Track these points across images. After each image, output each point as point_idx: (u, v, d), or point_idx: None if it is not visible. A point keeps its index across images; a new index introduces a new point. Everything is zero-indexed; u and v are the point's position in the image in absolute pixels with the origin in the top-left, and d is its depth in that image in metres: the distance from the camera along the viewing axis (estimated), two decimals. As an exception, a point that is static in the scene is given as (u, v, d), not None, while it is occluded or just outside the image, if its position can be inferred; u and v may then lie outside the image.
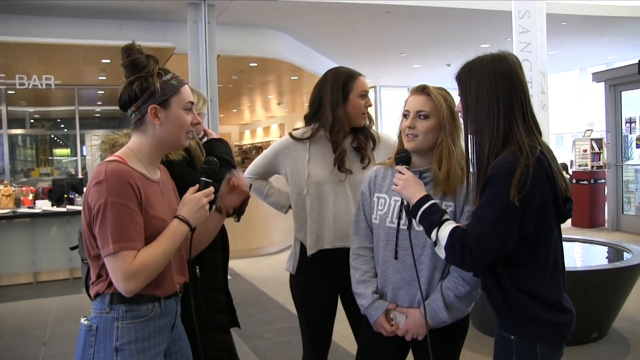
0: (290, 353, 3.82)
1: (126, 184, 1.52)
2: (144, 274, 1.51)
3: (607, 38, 11.27)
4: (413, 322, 1.91)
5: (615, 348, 3.93)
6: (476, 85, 1.67)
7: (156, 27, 8.68)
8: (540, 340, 1.65)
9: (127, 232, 1.50)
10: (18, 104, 13.21)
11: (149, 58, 1.65)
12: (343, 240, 2.32)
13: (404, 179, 1.79)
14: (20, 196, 7.03)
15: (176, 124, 1.65)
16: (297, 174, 2.37)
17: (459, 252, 1.61)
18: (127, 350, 1.55)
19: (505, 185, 1.55)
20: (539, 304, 1.63)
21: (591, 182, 9.40)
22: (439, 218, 1.69)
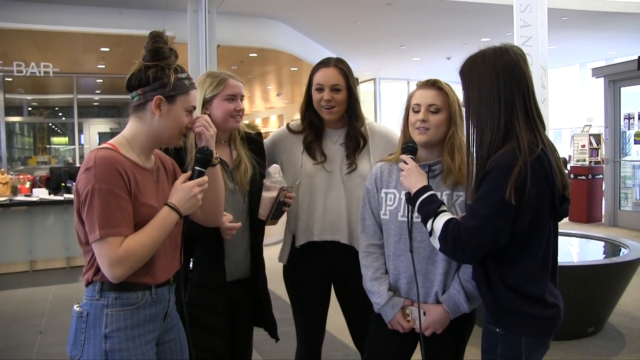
0: (287, 344, 3.81)
1: (114, 171, 1.53)
2: (129, 261, 1.52)
3: (608, 33, 11.25)
4: (435, 319, 1.91)
5: (611, 342, 3.95)
6: (478, 80, 1.67)
7: (156, 15, 8.63)
8: (525, 334, 1.66)
9: (113, 218, 1.51)
10: (16, 91, 13.17)
11: (171, 51, 1.66)
12: (332, 233, 2.31)
13: (407, 168, 1.82)
14: (17, 184, 7.00)
15: (174, 121, 1.66)
16: (291, 164, 2.36)
17: (451, 243, 1.63)
18: (116, 337, 1.56)
19: (501, 182, 1.55)
20: (523, 299, 1.65)
21: (589, 177, 9.41)
22: (435, 209, 1.70)
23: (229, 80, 2.15)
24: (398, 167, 2.00)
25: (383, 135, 2.39)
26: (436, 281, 1.92)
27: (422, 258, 1.92)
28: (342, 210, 2.31)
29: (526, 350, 1.66)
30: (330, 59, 2.33)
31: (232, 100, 2.14)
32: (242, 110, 2.17)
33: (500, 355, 1.68)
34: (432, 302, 1.93)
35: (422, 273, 1.93)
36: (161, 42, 1.64)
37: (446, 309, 1.90)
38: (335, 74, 2.26)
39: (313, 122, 2.34)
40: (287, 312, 2.50)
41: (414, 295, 1.95)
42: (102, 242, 1.50)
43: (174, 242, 1.72)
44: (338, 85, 2.25)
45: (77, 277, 6.12)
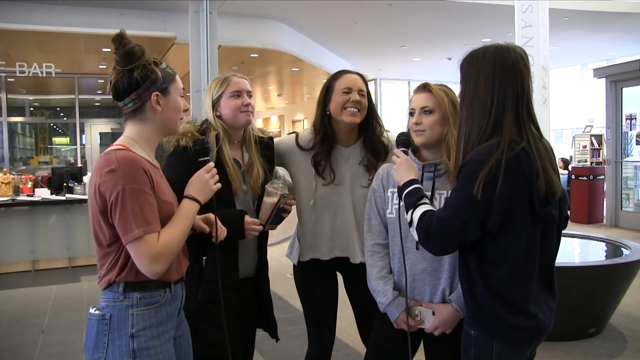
0: (289, 344, 3.83)
1: (140, 170, 1.56)
2: (167, 255, 1.56)
3: (609, 34, 11.25)
4: (444, 318, 1.92)
5: (612, 343, 3.95)
6: (475, 75, 1.68)
7: (157, 16, 8.65)
8: (497, 339, 1.64)
9: (147, 216, 1.53)
10: (18, 91, 13.18)
11: (140, 47, 1.68)
12: (343, 250, 2.34)
13: (398, 162, 1.86)
14: (19, 184, 7.02)
15: (174, 109, 1.71)
16: (304, 184, 2.35)
17: (423, 233, 1.66)
18: (143, 336, 1.59)
19: (472, 176, 1.56)
20: (501, 303, 1.63)
21: (590, 178, 9.40)
22: (415, 201, 1.74)
23: (232, 78, 2.20)
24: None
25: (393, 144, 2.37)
26: (442, 279, 1.93)
27: (428, 256, 1.92)
28: (351, 228, 2.32)
29: (498, 356, 1.64)
30: (350, 70, 2.35)
31: (237, 96, 2.17)
32: (250, 105, 2.18)
33: (473, 357, 1.68)
34: (439, 300, 1.94)
35: (428, 271, 1.95)
36: (129, 43, 1.65)
37: (456, 308, 1.90)
38: (360, 80, 2.30)
39: (327, 135, 2.29)
40: (288, 312, 2.51)
41: (419, 294, 1.97)
42: (141, 241, 1.52)
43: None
44: (363, 91, 2.27)
45: (79, 277, 6.14)
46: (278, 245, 7.92)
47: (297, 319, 2.52)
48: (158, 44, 8.79)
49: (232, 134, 2.21)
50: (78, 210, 6.61)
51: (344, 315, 2.51)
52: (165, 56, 9.63)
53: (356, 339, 3.97)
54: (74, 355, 3.86)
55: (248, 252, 2.22)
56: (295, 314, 4.15)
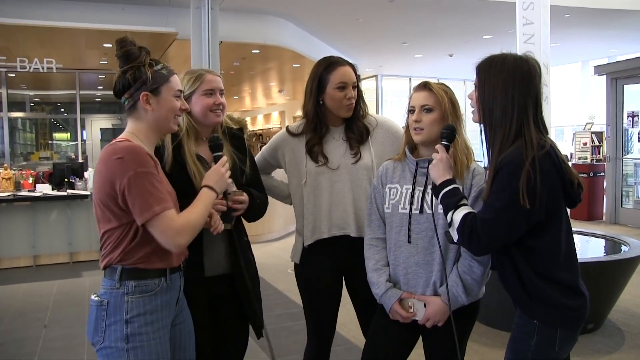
0: (290, 339, 3.86)
1: (145, 155, 1.68)
2: (189, 229, 1.69)
3: (610, 31, 11.24)
4: (435, 310, 1.98)
5: (611, 339, 3.97)
6: (494, 81, 1.76)
7: (159, 12, 8.64)
8: (560, 326, 1.73)
9: (162, 195, 1.66)
10: (18, 87, 13.18)
11: (141, 49, 1.78)
12: (341, 227, 2.35)
13: (438, 158, 1.87)
14: (20, 179, 7.03)
15: (166, 108, 1.79)
16: (296, 165, 2.40)
17: (468, 235, 1.71)
18: (137, 322, 1.68)
19: (513, 177, 1.65)
20: (555, 287, 1.72)
21: (590, 175, 9.43)
22: (455, 202, 1.78)
23: (206, 76, 2.17)
24: (403, 164, 2.09)
25: (381, 126, 2.42)
26: (434, 271, 1.99)
27: (420, 249, 2.00)
28: (348, 204, 2.34)
29: (560, 342, 1.73)
30: (339, 58, 2.37)
31: (210, 94, 2.16)
32: (221, 104, 2.18)
33: (534, 345, 1.74)
34: (431, 292, 2.00)
35: (420, 264, 2.01)
36: (128, 45, 1.77)
37: (445, 301, 1.95)
38: (351, 72, 2.33)
39: (320, 123, 2.36)
40: (288, 307, 2.53)
41: (412, 287, 2.03)
42: (161, 217, 1.63)
43: None
44: (355, 83, 2.33)
45: (80, 273, 6.16)
46: (278, 241, 7.94)
47: (298, 314, 2.53)
48: (159, 39, 8.79)
49: (201, 130, 2.20)
50: (79, 206, 6.63)
51: (345, 311, 2.52)
52: (166, 52, 9.63)
53: (357, 334, 4.00)
54: (76, 350, 3.89)
55: (217, 249, 2.19)
56: (296, 310, 4.14)
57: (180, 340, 1.87)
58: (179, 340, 1.87)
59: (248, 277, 2.27)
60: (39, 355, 3.84)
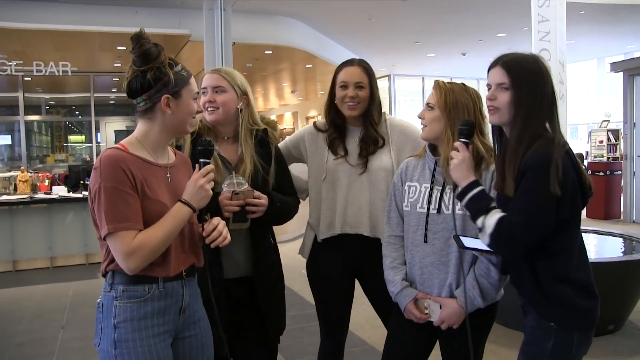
0: (305, 340, 3.85)
1: (118, 169, 1.60)
2: (142, 252, 1.58)
3: (627, 27, 11.10)
4: (450, 313, 1.95)
5: (632, 340, 3.91)
6: (528, 80, 1.72)
7: (172, 14, 8.69)
8: (578, 328, 1.71)
9: (119, 213, 1.57)
10: (34, 90, 13.31)
11: (158, 47, 1.70)
12: (354, 226, 2.35)
13: (460, 158, 1.79)
14: (36, 182, 7.11)
15: (185, 112, 1.72)
16: (317, 160, 2.42)
17: (505, 240, 1.66)
18: (123, 327, 1.63)
19: (543, 177, 1.62)
20: (572, 288, 1.70)
21: (607, 173, 9.31)
22: (487, 206, 1.72)
23: (205, 75, 2.21)
24: (423, 161, 2.08)
25: (401, 130, 2.43)
26: (450, 273, 1.97)
27: (436, 249, 1.98)
28: (364, 203, 2.34)
29: (577, 345, 1.72)
30: (354, 59, 2.42)
31: (203, 94, 2.17)
32: (212, 102, 2.14)
33: (551, 348, 1.71)
34: (446, 294, 1.97)
35: (435, 264, 1.99)
36: (146, 43, 1.68)
37: (460, 304, 1.93)
38: (358, 72, 2.35)
39: (334, 122, 2.40)
40: (303, 308, 2.52)
41: (428, 287, 2.01)
42: (114, 236, 1.57)
43: (188, 238, 1.77)
44: (361, 83, 2.34)
45: (96, 274, 6.19)
46: (293, 242, 7.93)
47: (313, 315, 2.52)
48: (172, 41, 8.83)
49: (217, 129, 2.19)
50: (95, 208, 6.66)
51: (360, 312, 2.51)
52: (179, 54, 9.68)
53: (372, 335, 3.99)
54: (93, 350, 3.85)
55: (237, 251, 2.16)
56: (311, 310, 4.10)
57: (191, 355, 1.80)
58: (188, 354, 1.79)
59: (270, 280, 2.24)
60: (57, 355, 3.86)
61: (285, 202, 2.24)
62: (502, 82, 1.74)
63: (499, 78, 1.74)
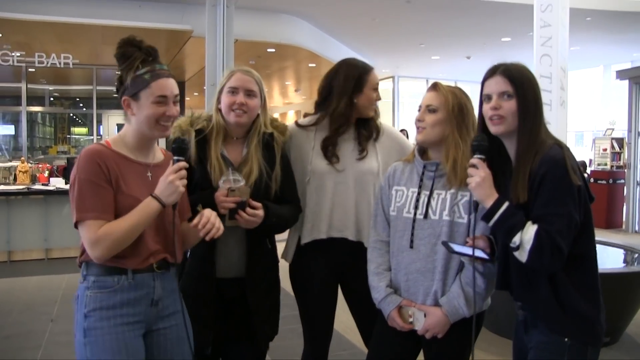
0: (295, 341, 3.80)
1: (94, 162, 1.68)
2: (106, 242, 1.64)
3: (633, 35, 11.02)
4: (434, 321, 1.91)
5: (628, 354, 3.87)
6: (531, 88, 1.72)
7: (175, 9, 8.68)
8: (590, 343, 1.67)
9: (88, 203, 1.65)
10: (38, 81, 13.33)
11: (136, 50, 1.73)
12: (340, 230, 2.30)
13: (482, 176, 1.69)
14: (36, 173, 7.10)
15: (145, 114, 1.74)
16: (300, 162, 2.35)
17: (549, 252, 1.57)
18: (93, 316, 1.69)
19: (564, 176, 1.60)
20: (588, 300, 1.66)
21: (610, 181, 9.24)
22: (522, 220, 1.62)
23: (235, 73, 2.14)
24: (412, 166, 2.02)
25: (388, 134, 2.41)
26: (435, 280, 1.92)
27: (422, 255, 1.93)
28: (349, 206, 2.30)
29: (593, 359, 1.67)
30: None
31: (232, 93, 2.11)
32: (244, 105, 2.09)
33: None
34: (431, 302, 1.92)
35: (421, 271, 1.94)
36: (125, 47, 1.74)
37: (445, 313, 1.89)
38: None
39: (348, 123, 2.34)
40: (294, 309, 2.48)
41: (413, 294, 1.96)
42: (82, 225, 1.66)
43: (161, 231, 1.80)
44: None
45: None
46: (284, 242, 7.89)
47: (300, 314, 2.49)
48: (175, 37, 8.82)
49: (230, 129, 2.16)
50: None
51: (349, 315, 2.47)
52: (183, 49, 9.68)
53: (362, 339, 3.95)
54: (81, 345, 3.88)
55: (232, 251, 2.13)
56: (303, 311, 4.14)
57: (165, 347, 1.82)
58: (163, 347, 1.82)
59: (264, 284, 2.20)
60: (44, 348, 3.84)
61: (282, 216, 2.18)
62: (505, 91, 1.71)
63: (501, 87, 1.71)
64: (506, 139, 1.76)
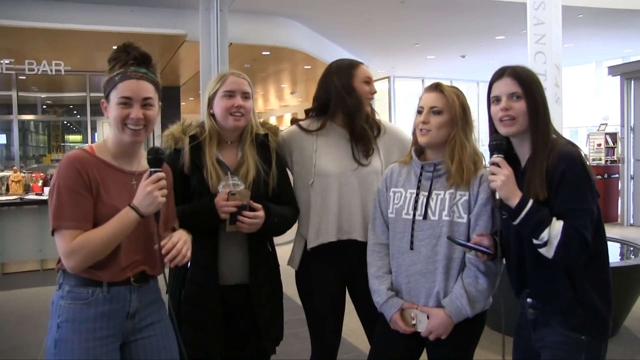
0: (297, 346, 3.79)
1: (74, 169, 1.63)
2: (81, 253, 1.59)
3: (624, 31, 11.08)
4: (438, 323, 1.89)
5: (627, 347, 3.86)
6: (537, 90, 1.75)
7: (168, 13, 8.65)
8: (604, 339, 1.69)
9: (66, 211, 1.61)
10: (30, 89, 13.24)
11: (125, 56, 1.71)
12: (348, 232, 2.28)
13: (507, 175, 1.70)
14: (30, 182, 7.02)
15: (112, 116, 1.71)
16: (303, 164, 2.32)
17: (578, 247, 1.60)
18: (64, 328, 1.65)
19: (583, 171, 1.64)
20: (603, 296, 1.67)
21: (605, 176, 9.29)
22: (548, 216, 1.64)
23: (229, 77, 2.12)
24: (409, 167, 2.00)
25: (390, 133, 2.38)
26: (437, 281, 1.91)
27: (422, 257, 1.92)
28: (356, 207, 2.28)
29: (604, 357, 1.70)
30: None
31: (229, 96, 2.09)
32: (242, 108, 2.09)
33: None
34: (434, 303, 1.91)
35: (422, 272, 1.93)
36: (118, 52, 1.72)
37: (448, 314, 1.88)
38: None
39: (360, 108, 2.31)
40: (296, 313, 2.47)
41: (414, 296, 1.95)
42: (58, 234, 1.62)
43: (142, 241, 1.74)
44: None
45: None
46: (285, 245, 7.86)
47: (305, 320, 2.47)
48: (169, 41, 8.78)
49: (224, 134, 2.15)
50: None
51: (353, 317, 2.45)
52: (177, 54, 9.64)
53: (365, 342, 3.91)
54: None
55: (234, 257, 2.12)
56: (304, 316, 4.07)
57: (145, 356, 1.78)
58: (143, 356, 1.78)
59: (268, 289, 2.19)
60: (40, 361, 3.79)
61: (283, 215, 2.18)
62: (515, 92, 1.73)
63: (511, 88, 1.74)
64: (516, 139, 1.78)
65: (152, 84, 1.74)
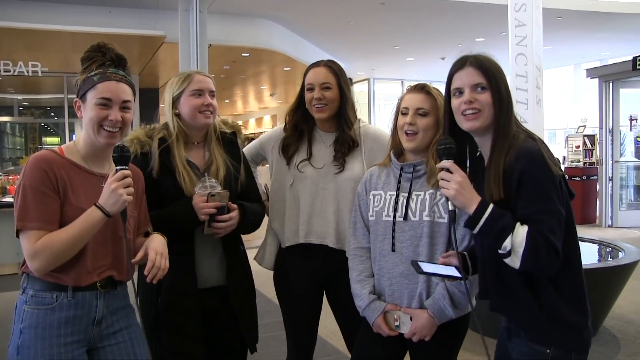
0: (279, 349, 3.75)
1: (40, 169, 1.59)
2: (45, 253, 1.55)
3: (602, 34, 11.24)
4: (421, 324, 1.87)
5: (606, 347, 3.90)
6: (502, 81, 1.60)
7: (146, 15, 8.55)
8: (575, 350, 1.54)
9: (31, 212, 1.57)
10: (6, 91, 13.01)
11: (101, 56, 1.69)
12: (320, 236, 2.26)
13: (459, 182, 1.53)
14: (6, 185, 6.90)
15: (88, 116, 1.67)
16: (284, 164, 2.32)
17: (546, 254, 1.44)
18: (27, 334, 1.60)
19: (543, 169, 1.48)
20: (573, 306, 1.54)
21: (583, 178, 9.41)
22: (511, 221, 1.47)
23: (195, 76, 2.10)
24: (388, 170, 1.98)
25: (375, 139, 2.33)
26: (420, 282, 1.90)
27: (404, 258, 1.90)
28: (330, 212, 2.25)
29: None
30: (321, 60, 2.33)
31: (198, 95, 2.08)
32: (211, 106, 2.09)
33: None
34: (417, 305, 1.90)
35: (405, 274, 1.91)
36: (92, 51, 1.70)
37: (431, 314, 1.86)
38: (324, 72, 2.24)
39: (298, 126, 2.32)
40: (278, 315, 2.45)
41: (398, 298, 1.93)
42: (22, 235, 1.58)
43: (109, 245, 1.70)
44: (328, 83, 2.23)
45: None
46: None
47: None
48: (147, 42, 8.68)
49: (191, 134, 2.13)
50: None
51: (334, 320, 2.44)
52: (156, 55, 9.53)
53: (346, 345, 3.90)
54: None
55: (210, 259, 2.11)
56: (285, 318, 4.08)
57: None
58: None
59: (244, 289, 2.19)
60: (19, 367, 3.71)
61: (257, 213, 2.20)
62: (479, 82, 1.58)
63: (474, 79, 1.58)
64: (479, 135, 1.63)
65: (130, 87, 1.74)
